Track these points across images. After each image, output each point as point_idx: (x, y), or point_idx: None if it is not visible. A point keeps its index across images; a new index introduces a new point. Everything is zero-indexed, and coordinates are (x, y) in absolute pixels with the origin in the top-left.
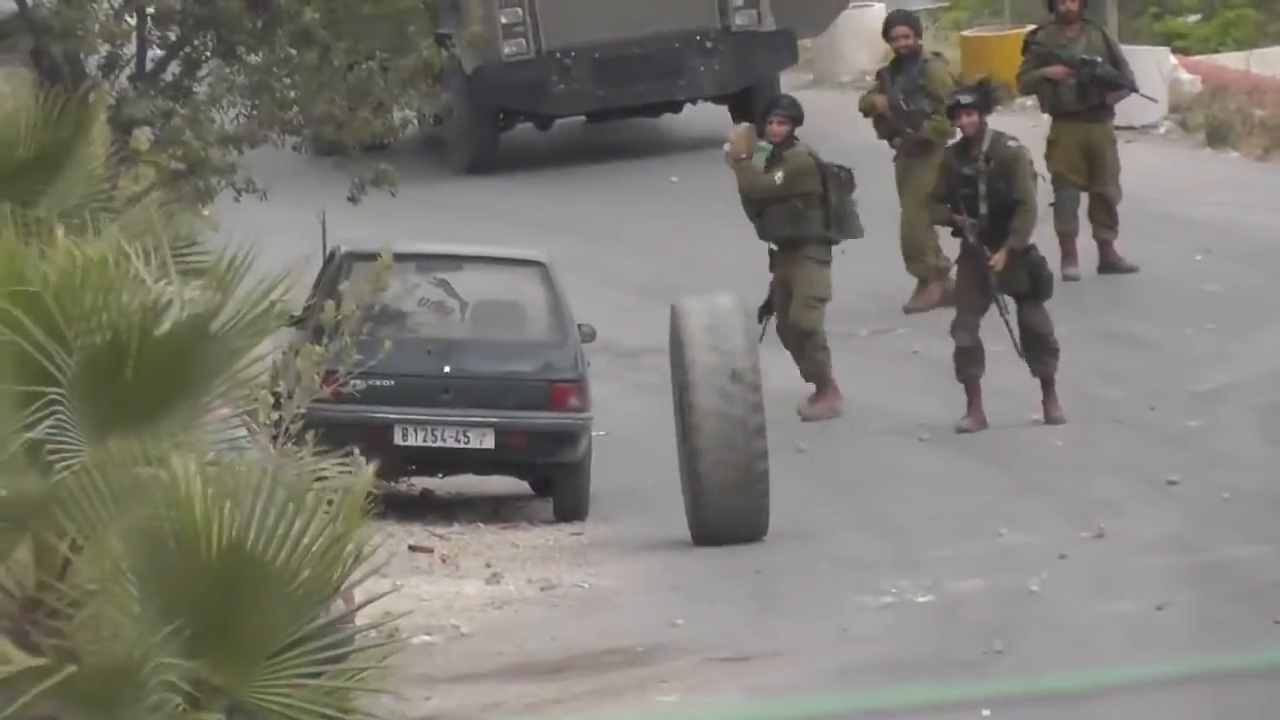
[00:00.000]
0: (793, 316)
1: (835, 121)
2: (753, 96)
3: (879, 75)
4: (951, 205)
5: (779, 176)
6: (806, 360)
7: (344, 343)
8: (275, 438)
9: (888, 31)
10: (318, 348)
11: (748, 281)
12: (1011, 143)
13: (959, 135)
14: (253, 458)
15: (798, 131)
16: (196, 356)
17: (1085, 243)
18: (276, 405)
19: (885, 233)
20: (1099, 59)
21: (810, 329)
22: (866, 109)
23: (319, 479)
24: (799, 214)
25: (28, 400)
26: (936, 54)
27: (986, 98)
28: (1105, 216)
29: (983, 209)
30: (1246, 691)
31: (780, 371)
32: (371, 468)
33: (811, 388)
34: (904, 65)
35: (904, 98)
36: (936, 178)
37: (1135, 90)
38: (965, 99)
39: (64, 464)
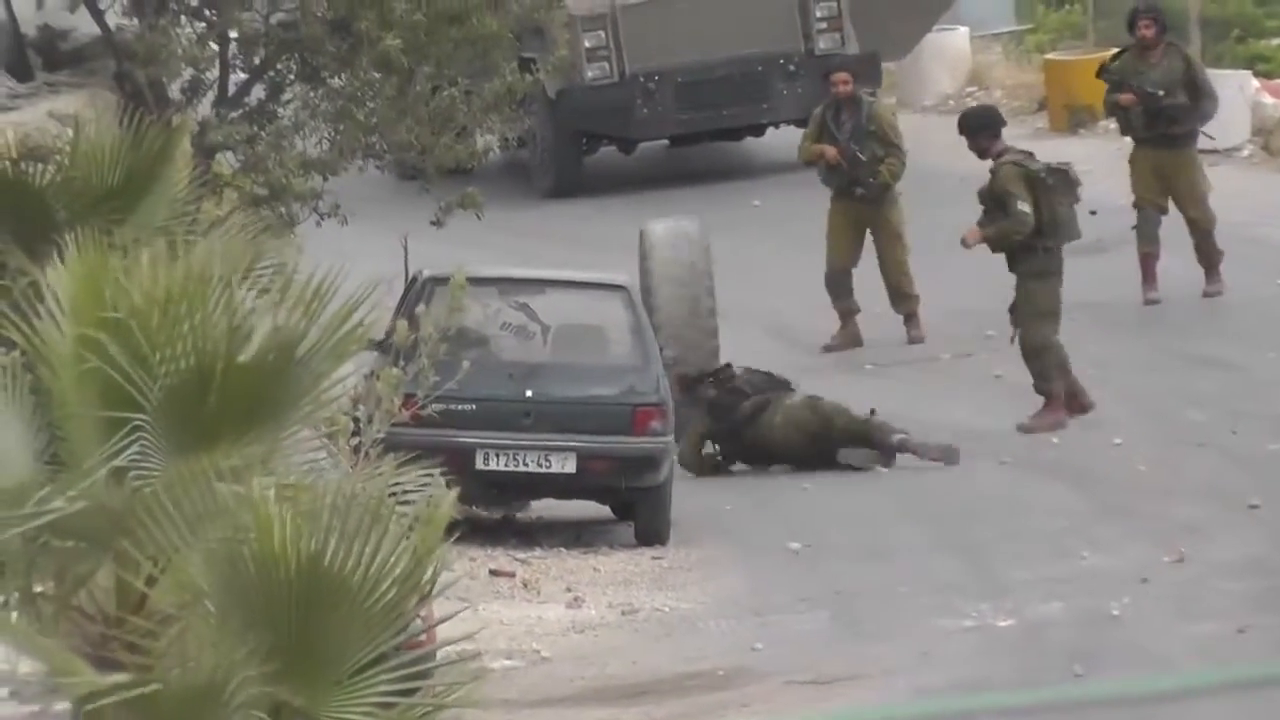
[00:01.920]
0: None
1: (920, 145)
2: None
3: (819, 122)
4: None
5: (1022, 206)
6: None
7: (421, 365)
8: (355, 462)
9: (826, 78)
10: (395, 370)
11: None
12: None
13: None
14: (332, 479)
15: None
16: (280, 380)
17: (1166, 263)
18: (356, 429)
19: (964, 256)
20: (1162, 92)
21: (1033, 345)
22: (812, 158)
23: (400, 501)
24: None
25: (113, 426)
26: (872, 94)
27: None
28: (1196, 241)
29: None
30: None
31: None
32: (454, 492)
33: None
34: (844, 110)
35: (855, 146)
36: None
37: (1198, 127)
38: None
39: (147, 487)
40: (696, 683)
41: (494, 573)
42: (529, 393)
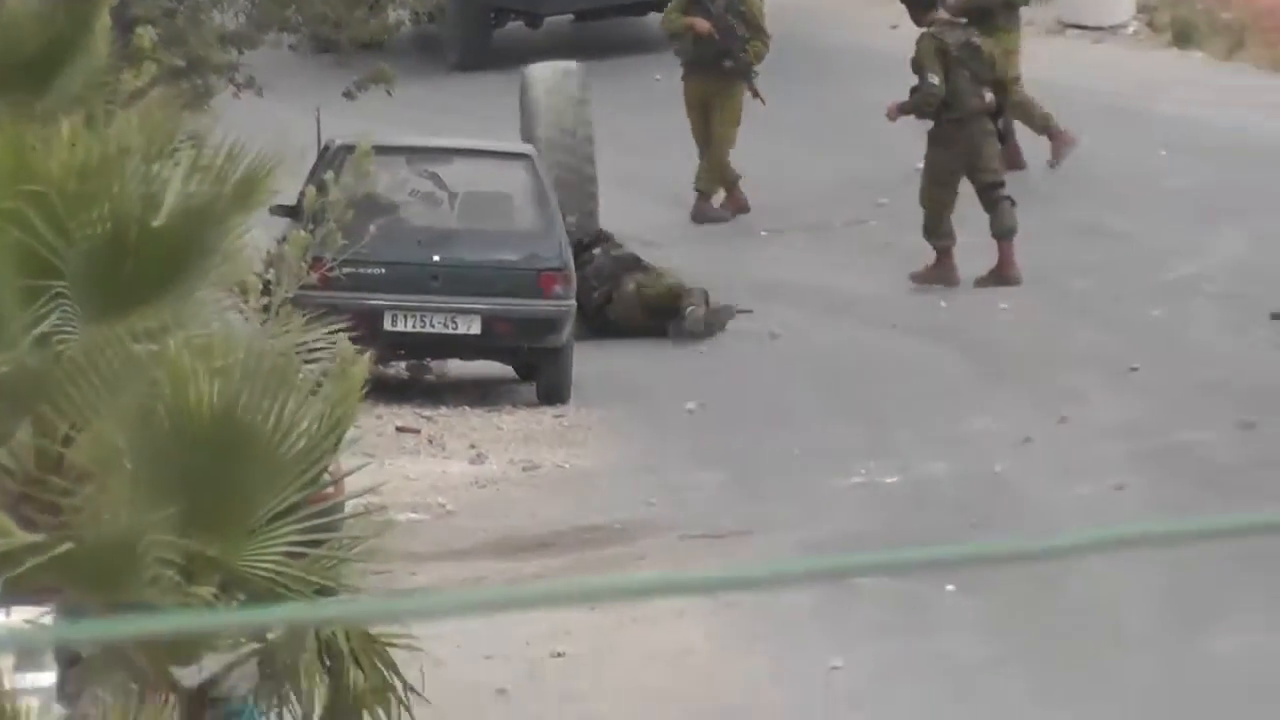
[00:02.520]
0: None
1: (816, 21)
2: None
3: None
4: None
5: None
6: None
7: (329, 228)
8: (266, 320)
9: None
10: (303, 233)
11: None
12: None
13: None
14: (243, 332)
15: None
16: (193, 242)
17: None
18: (267, 290)
19: (861, 128)
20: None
21: (924, 203)
22: (681, 29)
23: (309, 360)
24: None
25: (34, 294)
26: None
27: None
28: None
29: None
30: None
31: (754, 261)
32: (368, 353)
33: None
34: None
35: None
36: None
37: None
38: None
39: (66, 350)
40: (594, 536)
41: (400, 429)
42: (436, 257)
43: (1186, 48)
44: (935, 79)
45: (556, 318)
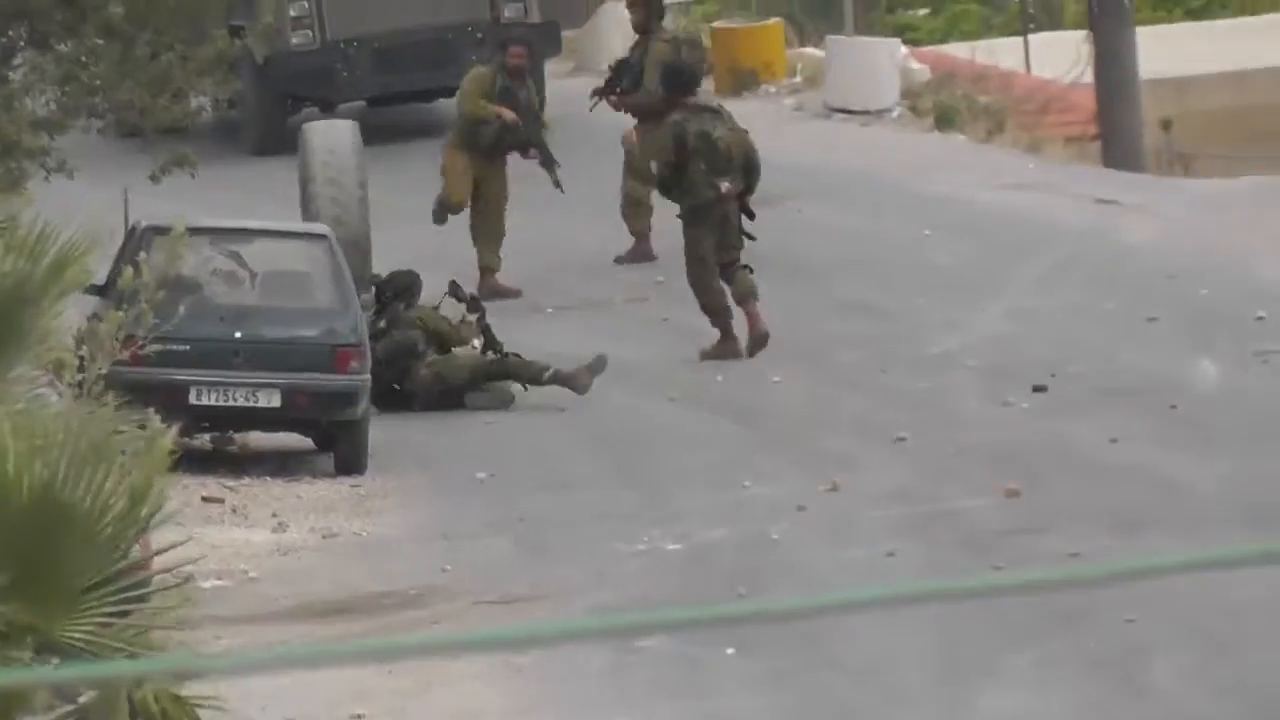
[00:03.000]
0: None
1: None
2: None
3: (490, 82)
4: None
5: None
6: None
7: (141, 308)
8: (79, 396)
9: (505, 49)
10: (117, 313)
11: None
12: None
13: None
14: (59, 410)
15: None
16: (9, 321)
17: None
18: (81, 367)
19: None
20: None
21: (691, 284)
22: (486, 115)
23: (119, 433)
24: None
25: None
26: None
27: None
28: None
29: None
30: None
31: (542, 336)
32: (174, 428)
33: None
34: (517, 80)
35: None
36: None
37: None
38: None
39: None
40: (391, 601)
41: (206, 499)
42: (238, 334)
43: (948, 131)
44: (654, 166)
45: (352, 392)
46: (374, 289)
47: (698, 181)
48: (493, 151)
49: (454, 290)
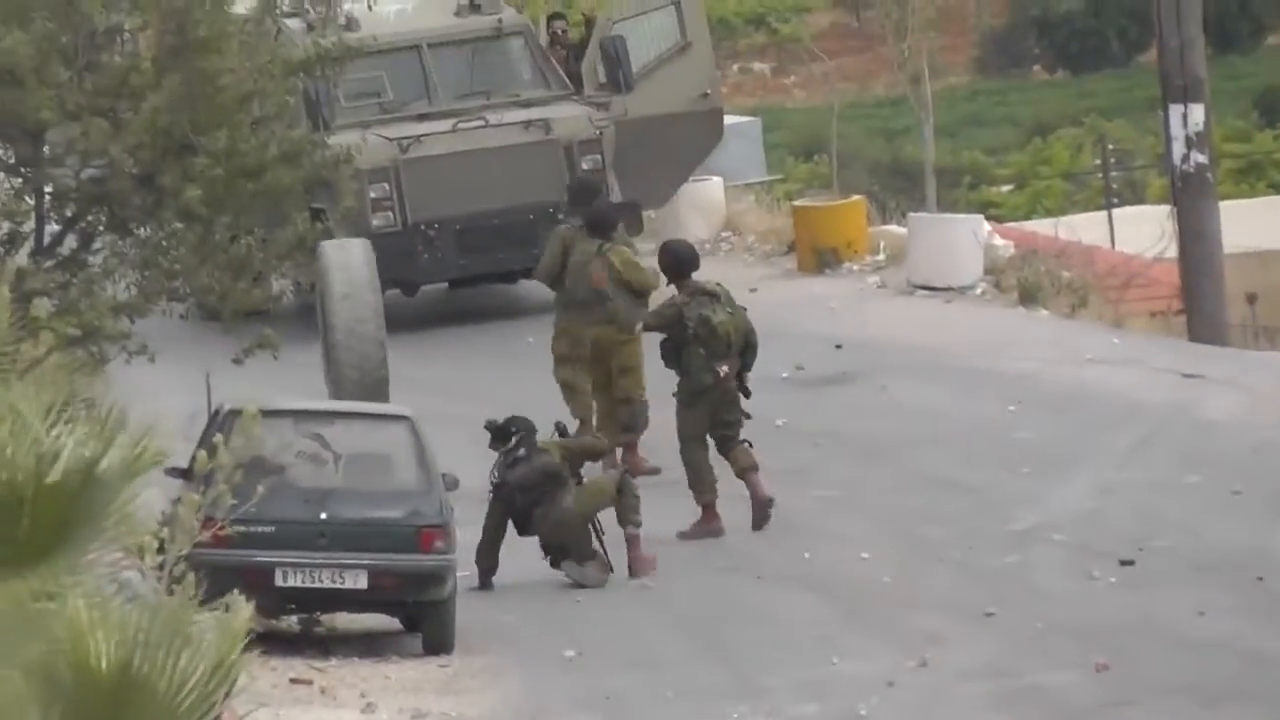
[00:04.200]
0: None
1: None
2: None
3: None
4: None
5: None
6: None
7: (219, 489)
8: (160, 579)
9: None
10: (195, 495)
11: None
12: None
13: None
14: (141, 593)
15: None
16: (84, 499)
17: (923, 394)
18: (161, 549)
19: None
20: None
21: (684, 461)
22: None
23: (199, 613)
24: None
25: None
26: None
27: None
28: None
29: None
30: None
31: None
32: (251, 604)
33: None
34: None
35: None
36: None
37: None
38: None
39: None
40: None
41: (294, 680)
42: (323, 515)
43: (1032, 306)
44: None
45: (438, 572)
46: (500, 428)
47: (696, 366)
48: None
49: (560, 430)
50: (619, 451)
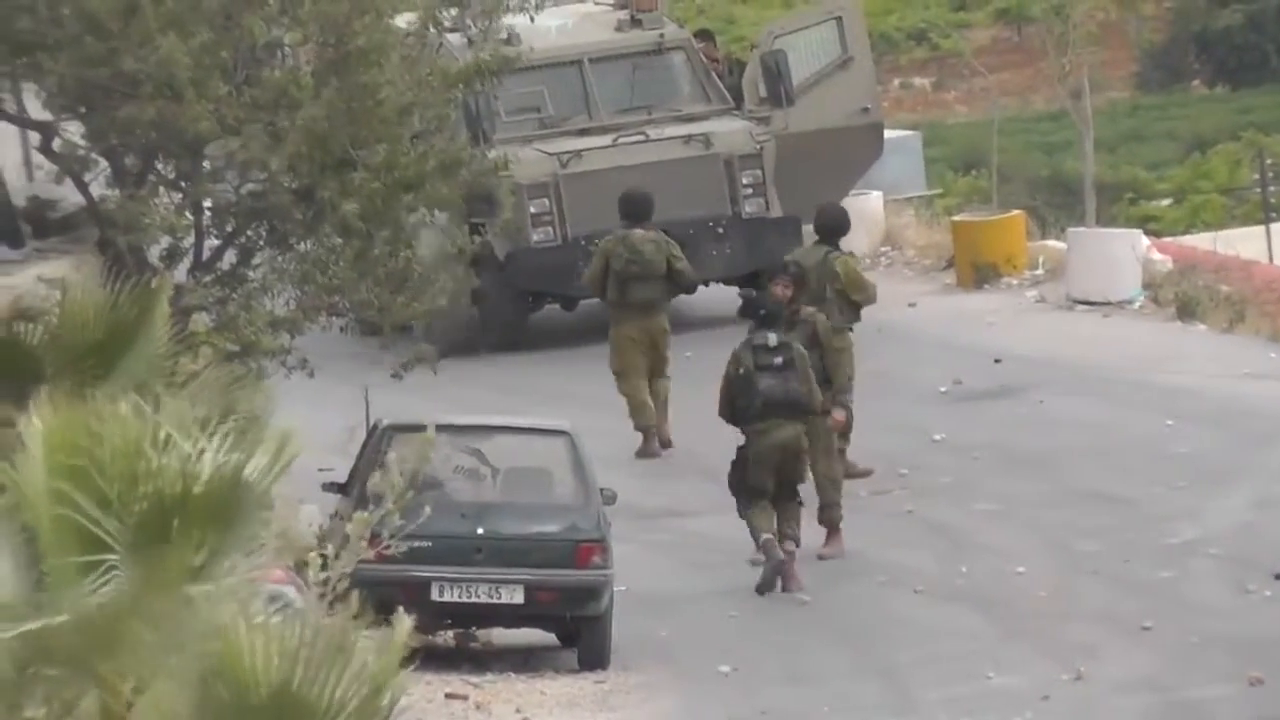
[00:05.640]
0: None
1: None
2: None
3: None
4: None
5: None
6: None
7: (389, 509)
8: (322, 595)
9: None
10: (365, 514)
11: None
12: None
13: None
14: (297, 608)
15: None
16: (230, 505)
17: (1064, 407)
18: (324, 565)
19: (881, 400)
20: None
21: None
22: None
23: (360, 631)
24: None
25: (88, 568)
26: None
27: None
28: None
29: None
30: None
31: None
32: (410, 622)
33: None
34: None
35: None
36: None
37: None
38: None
39: (123, 607)
40: None
41: (449, 696)
42: (480, 530)
43: (1190, 321)
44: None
45: (596, 586)
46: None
47: (745, 399)
48: None
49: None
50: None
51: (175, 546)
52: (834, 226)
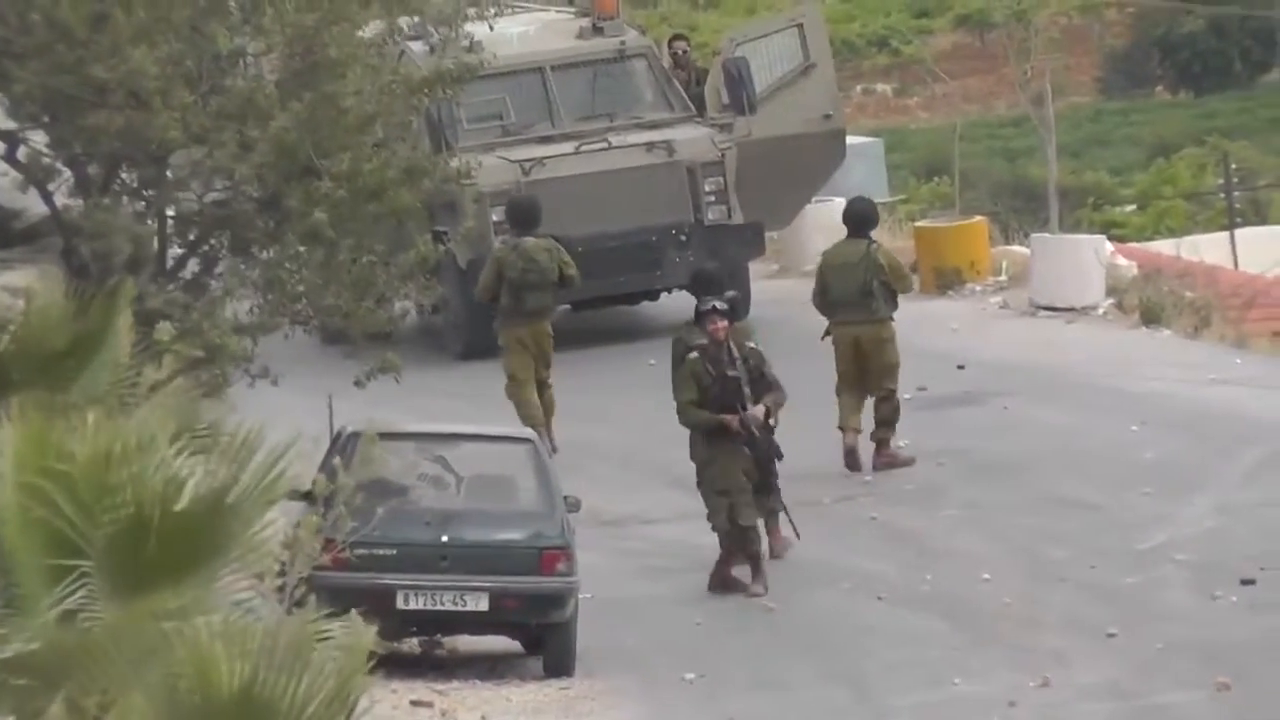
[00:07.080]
0: None
1: (792, 307)
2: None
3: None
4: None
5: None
6: None
7: (339, 512)
8: (280, 600)
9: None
10: (314, 517)
11: None
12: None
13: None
14: (263, 617)
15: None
16: (213, 526)
17: (1036, 413)
18: (282, 572)
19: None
20: None
21: None
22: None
23: (323, 638)
24: None
25: (60, 572)
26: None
27: (733, 308)
28: None
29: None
30: None
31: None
32: (373, 627)
33: None
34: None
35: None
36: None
37: None
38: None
39: (94, 628)
40: None
41: (415, 703)
42: (445, 538)
43: (1154, 326)
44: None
45: (560, 594)
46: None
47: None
48: None
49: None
50: (872, 447)
51: (151, 561)
52: (865, 219)
